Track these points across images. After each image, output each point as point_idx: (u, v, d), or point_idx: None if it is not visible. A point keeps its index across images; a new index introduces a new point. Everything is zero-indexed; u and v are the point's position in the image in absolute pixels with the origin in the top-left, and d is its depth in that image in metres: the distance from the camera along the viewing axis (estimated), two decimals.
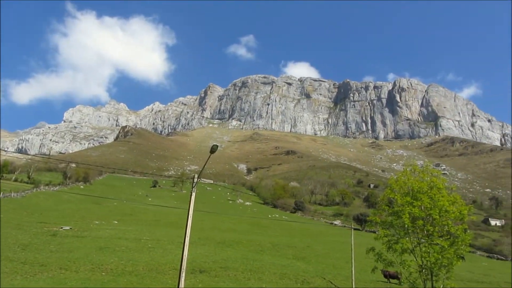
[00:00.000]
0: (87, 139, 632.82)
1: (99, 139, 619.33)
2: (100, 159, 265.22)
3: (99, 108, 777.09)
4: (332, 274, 44.47)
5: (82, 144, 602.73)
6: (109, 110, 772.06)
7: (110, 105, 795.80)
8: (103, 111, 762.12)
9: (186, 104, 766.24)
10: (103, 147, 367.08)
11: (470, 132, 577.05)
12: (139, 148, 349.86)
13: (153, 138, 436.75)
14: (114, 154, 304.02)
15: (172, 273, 32.91)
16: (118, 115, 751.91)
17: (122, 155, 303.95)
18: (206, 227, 76.20)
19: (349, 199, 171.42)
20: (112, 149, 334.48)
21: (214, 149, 18.41)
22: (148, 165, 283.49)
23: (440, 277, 22.75)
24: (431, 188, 24.45)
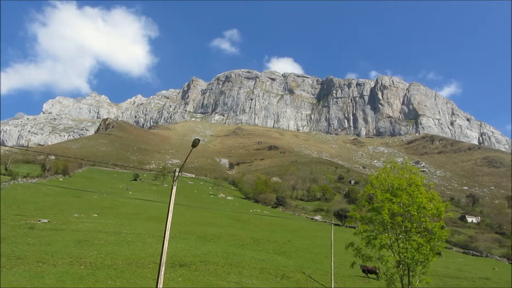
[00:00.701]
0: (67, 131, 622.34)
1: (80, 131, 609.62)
2: (80, 152, 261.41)
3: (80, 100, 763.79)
4: (311, 268, 44.89)
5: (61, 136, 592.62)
6: (90, 102, 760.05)
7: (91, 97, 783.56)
8: (84, 103, 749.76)
9: (168, 97, 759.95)
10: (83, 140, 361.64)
11: (450, 131, 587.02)
12: (120, 141, 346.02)
13: (134, 131, 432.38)
14: (95, 147, 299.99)
15: (151, 267, 32.77)
16: (99, 107, 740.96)
17: (102, 148, 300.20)
18: (187, 221, 75.98)
19: (330, 195, 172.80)
20: (93, 141, 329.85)
21: (196, 143, 18.33)
22: (129, 158, 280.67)
23: (416, 272, 23.20)
24: (410, 185, 24.84)
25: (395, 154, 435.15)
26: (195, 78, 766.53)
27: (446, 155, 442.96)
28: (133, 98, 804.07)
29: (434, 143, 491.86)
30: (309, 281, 38.57)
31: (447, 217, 25.18)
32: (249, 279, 33.82)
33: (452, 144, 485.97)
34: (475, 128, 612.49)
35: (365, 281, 43.57)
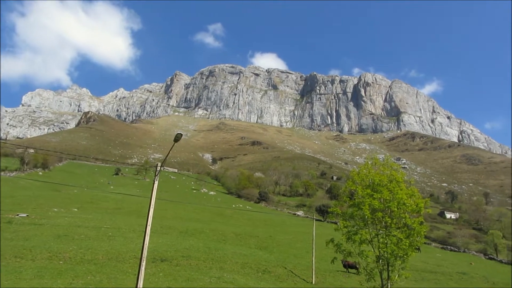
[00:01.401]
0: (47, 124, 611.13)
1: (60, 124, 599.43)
2: (61, 145, 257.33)
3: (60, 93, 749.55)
4: (293, 263, 45.19)
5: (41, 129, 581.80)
6: (70, 95, 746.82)
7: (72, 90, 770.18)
8: (65, 96, 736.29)
9: (151, 91, 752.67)
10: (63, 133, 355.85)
11: (430, 128, 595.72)
12: (101, 134, 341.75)
13: (116, 125, 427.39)
14: (76, 141, 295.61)
15: (132, 262, 32.52)
16: (81, 101, 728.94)
17: (83, 142, 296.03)
18: (169, 216, 75.62)
19: (312, 191, 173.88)
20: (74, 135, 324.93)
21: (178, 138, 18.18)
22: (110, 153, 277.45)
23: (395, 267, 23.53)
24: (391, 181, 25.11)
25: (377, 150, 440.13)
26: (179, 72, 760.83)
27: (427, 152, 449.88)
28: (115, 91, 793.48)
29: (415, 140, 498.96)
30: (290, 275, 38.81)
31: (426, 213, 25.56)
32: (230, 274, 33.85)
33: (433, 141, 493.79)
34: (455, 126, 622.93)
35: (346, 276, 44.07)
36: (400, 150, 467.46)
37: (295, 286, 35.05)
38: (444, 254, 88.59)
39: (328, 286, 38.12)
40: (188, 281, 28.18)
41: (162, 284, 26.54)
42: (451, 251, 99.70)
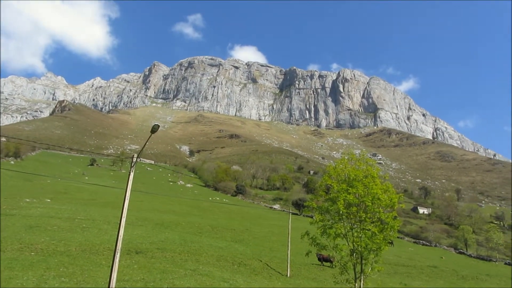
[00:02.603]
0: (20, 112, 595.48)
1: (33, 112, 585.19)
2: (34, 134, 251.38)
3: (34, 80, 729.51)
4: (268, 256, 45.46)
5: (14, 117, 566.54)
6: (45, 82, 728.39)
7: (47, 78, 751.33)
8: (39, 84, 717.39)
9: (129, 81, 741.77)
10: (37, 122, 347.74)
11: (406, 125, 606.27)
12: (77, 124, 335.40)
13: (92, 115, 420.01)
14: (50, 130, 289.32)
15: (106, 254, 32.12)
16: (55, 89, 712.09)
17: (58, 131, 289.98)
18: (144, 208, 74.96)
19: (289, 185, 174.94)
20: (48, 124, 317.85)
21: (155, 129, 17.97)
22: (86, 143, 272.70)
23: (369, 260, 23.94)
24: (366, 176, 25.43)
25: (353, 146, 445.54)
26: (157, 63, 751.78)
27: (402, 149, 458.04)
28: (92, 80, 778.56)
29: (391, 137, 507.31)
30: (265, 268, 39.04)
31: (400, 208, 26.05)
32: (206, 266, 33.82)
33: (408, 138, 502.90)
34: (430, 123, 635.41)
35: (320, 269, 44.62)
36: (377, 146, 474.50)
37: (270, 278, 35.27)
38: (416, 248, 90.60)
39: (303, 279, 38.51)
40: (163, 273, 28.03)
41: (136, 276, 26.32)
42: (423, 245, 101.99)
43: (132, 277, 25.90)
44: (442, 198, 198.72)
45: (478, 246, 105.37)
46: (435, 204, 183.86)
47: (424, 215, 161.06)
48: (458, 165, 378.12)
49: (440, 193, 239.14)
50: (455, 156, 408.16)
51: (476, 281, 55.01)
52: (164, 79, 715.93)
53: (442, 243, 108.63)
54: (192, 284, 26.45)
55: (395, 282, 45.05)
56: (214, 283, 27.74)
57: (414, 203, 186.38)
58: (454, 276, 55.76)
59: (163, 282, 25.69)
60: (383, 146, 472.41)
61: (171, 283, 25.62)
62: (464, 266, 69.12)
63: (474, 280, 55.35)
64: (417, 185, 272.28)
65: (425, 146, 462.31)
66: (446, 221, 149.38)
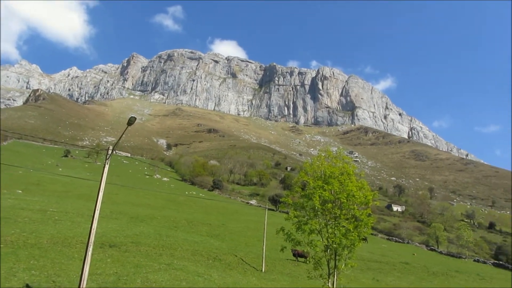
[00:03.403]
0: None
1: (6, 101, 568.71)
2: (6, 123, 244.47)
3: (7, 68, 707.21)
4: (244, 251, 45.59)
5: None
6: (19, 70, 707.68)
7: (21, 65, 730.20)
8: (12, 71, 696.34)
9: (106, 72, 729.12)
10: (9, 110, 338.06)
11: (383, 124, 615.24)
12: (51, 114, 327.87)
13: (68, 105, 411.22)
14: (22, 119, 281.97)
15: (79, 247, 31.60)
16: (30, 77, 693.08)
17: (31, 121, 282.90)
18: (119, 201, 74.08)
19: (266, 180, 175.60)
20: (20, 113, 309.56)
21: (132, 121, 17.73)
22: (60, 133, 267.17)
23: (342, 256, 24.23)
24: (342, 173, 25.67)
25: (331, 143, 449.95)
26: (136, 54, 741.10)
27: (378, 147, 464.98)
28: (68, 70, 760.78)
29: (368, 135, 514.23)
30: (240, 263, 39.14)
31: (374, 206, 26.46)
32: (180, 260, 33.67)
33: (384, 136, 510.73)
34: (406, 122, 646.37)
35: (295, 264, 45.04)
36: (353, 144, 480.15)
37: (244, 273, 35.37)
38: (390, 245, 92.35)
39: (277, 274, 38.77)
40: (136, 268, 27.78)
41: (109, 270, 26.01)
42: (396, 242, 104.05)
43: (105, 271, 25.58)
44: (416, 196, 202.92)
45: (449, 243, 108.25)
46: (408, 202, 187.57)
47: (398, 213, 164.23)
48: (432, 164, 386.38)
49: (414, 191, 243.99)
50: (429, 156, 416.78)
51: (446, 277, 56.49)
52: (142, 71, 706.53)
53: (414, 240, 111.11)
54: (166, 278, 26.31)
55: (367, 278, 45.85)
56: (188, 278, 27.66)
57: (389, 200, 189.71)
58: (425, 272, 57.12)
59: (136, 276, 25.47)
60: (360, 144, 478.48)
61: (144, 277, 25.43)
62: (435, 263, 70.82)
63: (444, 276, 56.83)
64: (392, 183, 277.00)
65: (401, 145, 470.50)
66: (419, 219, 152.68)
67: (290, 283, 35.52)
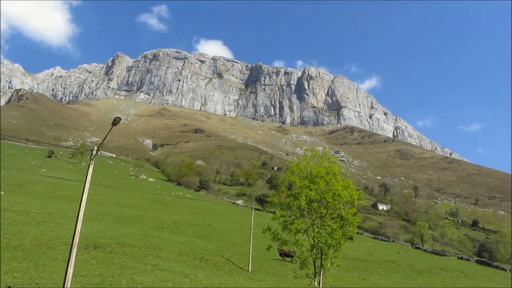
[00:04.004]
0: None
1: None
2: None
3: None
4: (230, 251, 45.50)
5: None
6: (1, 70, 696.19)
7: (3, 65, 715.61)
8: None
9: (91, 72, 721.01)
10: None
11: (368, 123, 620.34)
12: (34, 114, 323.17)
13: (51, 105, 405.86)
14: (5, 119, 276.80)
15: (63, 248, 31.19)
16: (12, 77, 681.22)
17: (14, 121, 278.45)
18: (105, 202, 73.33)
19: (253, 180, 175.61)
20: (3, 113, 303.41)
21: (117, 121, 17.54)
22: (44, 134, 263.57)
23: (328, 256, 24.36)
24: (328, 173, 25.81)
25: (317, 143, 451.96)
26: (121, 54, 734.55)
27: (364, 146, 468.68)
28: (51, 69, 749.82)
29: (354, 134, 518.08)
30: (227, 264, 39.06)
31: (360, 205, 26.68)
32: (167, 261, 33.45)
33: (370, 136, 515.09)
34: (391, 122, 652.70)
35: (281, 264, 45.10)
36: (339, 143, 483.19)
37: (231, 274, 35.31)
38: (375, 244, 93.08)
39: (264, 274, 38.79)
40: (122, 269, 27.51)
41: (94, 271, 25.71)
42: (381, 241, 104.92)
43: (89, 272, 25.29)
44: (401, 195, 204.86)
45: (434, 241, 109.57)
46: (394, 200, 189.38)
47: (383, 212, 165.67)
48: (417, 163, 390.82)
49: (399, 190, 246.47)
50: (413, 154, 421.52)
51: (431, 274, 57.20)
52: (127, 71, 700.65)
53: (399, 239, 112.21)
54: (152, 279, 26.11)
55: (353, 277, 46.16)
56: (174, 279, 27.48)
57: (374, 199, 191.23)
58: (410, 270, 57.74)
59: (121, 277, 25.22)
60: (346, 144, 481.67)
61: (130, 279, 25.19)
62: (420, 261, 71.62)
63: (428, 274, 57.53)
64: (378, 182, 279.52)
65: (386, 144, 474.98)
66: (404, 217, 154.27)
67: (277, 283, 35.55)
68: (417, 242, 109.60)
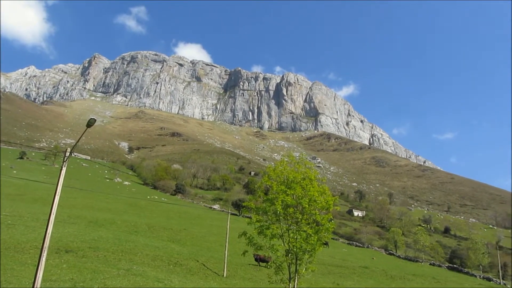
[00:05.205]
0: None
1: None
2: None
3: None
4: (205, 256, 45.21)
5: None
6: None
7: None
8: None
9: (66, 72, 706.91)
10: None
11: (345, 130, 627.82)
12: (6, 114, 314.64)
13: (24, 105, 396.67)
14: None
15: (33, 252, 30.46)
16: None
17: None
18: (78, 205, 71.87)
19: (230, 185, 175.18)
20: None
21: (91, 123, 17.31)
22: (16, 134, 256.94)
23: (303, 261, 24.48)
24: (304, 178, 25.99)
25: (294, 148, 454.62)
26: (98, 55, 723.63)
27: (340, 153, 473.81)
28: (25, 69, 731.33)
29: (331, 141, 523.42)
30: (202, 268, 38.79)
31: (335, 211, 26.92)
32: (140, 266, 32.99)
33: (346, 143, 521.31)
34: (367, 129, 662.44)
35: (257, 269, 45.02)
36: (316, 149, 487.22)
37: (206, 279, 35.08)
38: (350, 249, 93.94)
39: (239, 279, 38.66)
40: (94, 273, 26.98)
41: (65, 276, 25.14)
42: (356, 247, 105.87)
43: (60, 277, 24.72)
44: (376, 201, 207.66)
45: (407, 247, 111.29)
46: (369, 207, 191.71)
47: (359, 218, 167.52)
48: (392, 171, 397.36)
49: (374, 196, 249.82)
50: (389, 162, 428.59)
51: (403, 280, 58.02)
52: (104, 72, 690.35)
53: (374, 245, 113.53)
54: (125, 284, 25.69)
55: (328, 282, 46.42)
56: (147, 283, 27.11)
57: (350, 206, 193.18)
58: (384, 276, 58.45)
59: (93, 282, 24.73)
60: (323, 150, 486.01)
61: (102, 283, 24.73)
62: (393, 267, 72.56)
63: (401, 279, 58.34)
64: (353, 189, 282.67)
65: (362, 151, 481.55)
66: (378, 224, 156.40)
67: None
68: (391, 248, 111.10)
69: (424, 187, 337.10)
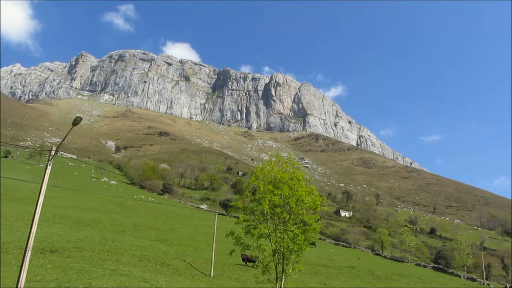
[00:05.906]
0: None
1: None
2: None
3: None
4: (193, 256, 45.09)
5: None
6: None
7: None
8: None
9: (53, 70, 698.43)
10: None
11: (333, 131, 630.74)
12: None
13: (9, 103, 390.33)
14: None
15: (17, 253, 30.06)
16: None
17: None
18: (63, 205, 71.14)
19: (218, 185, 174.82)
20: None
21: (77, 121, 17.12)
22: None
23: (290, 261, 24.55)
24: (292, 178, 26.07)
25: (282, 149, 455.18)
26: (85, 53, 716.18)
27: (328, 154, 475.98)
28: (11, 66, 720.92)
29: (318, 142, 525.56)
30: (189, 268, 38.66)
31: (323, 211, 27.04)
32: (126, 266, 32.73)
33: (334, 143, 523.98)
34: (355, 130, 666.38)
35: (244, 269, 45.01)
36: (304, 150, 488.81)
37: (193, 279, 34.95)
38: (337, 250, 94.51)
39: (226, 279, 38.61)
40: (79, 273, 26.71)
41: (49, 276, 24.86)
42: (343, 247, 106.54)
43: (44, 277, 24.45)
44: (363, 202, 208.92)
45: (393, 248, 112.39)
46: (356, 207, 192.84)
47: (346, 218, 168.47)
48: (379, 172, 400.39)
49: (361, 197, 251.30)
50: (376, 163, 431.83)
51: (389, 280, 58.55)
52: (92, 71, 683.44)
53: (360, 245, 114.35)
54: (111, 284, 25.48)
55: (315, 282, 46.60)
56: (134, 284, 26.91)
57: (337, 206, 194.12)
58: (370, 276, 58.91)
59: (79, 282, 24.49)
60: (311, 151, 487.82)
61: (87, 284, 24.49)
62: (379, 267, 73.18)
63: (387, 279, 58.87)
64: (341, 189, 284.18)
65: (350, 152, 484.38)
66: (365, 224, 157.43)
67: None
68: (377, 248, 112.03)
69: (410, 188, 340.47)
